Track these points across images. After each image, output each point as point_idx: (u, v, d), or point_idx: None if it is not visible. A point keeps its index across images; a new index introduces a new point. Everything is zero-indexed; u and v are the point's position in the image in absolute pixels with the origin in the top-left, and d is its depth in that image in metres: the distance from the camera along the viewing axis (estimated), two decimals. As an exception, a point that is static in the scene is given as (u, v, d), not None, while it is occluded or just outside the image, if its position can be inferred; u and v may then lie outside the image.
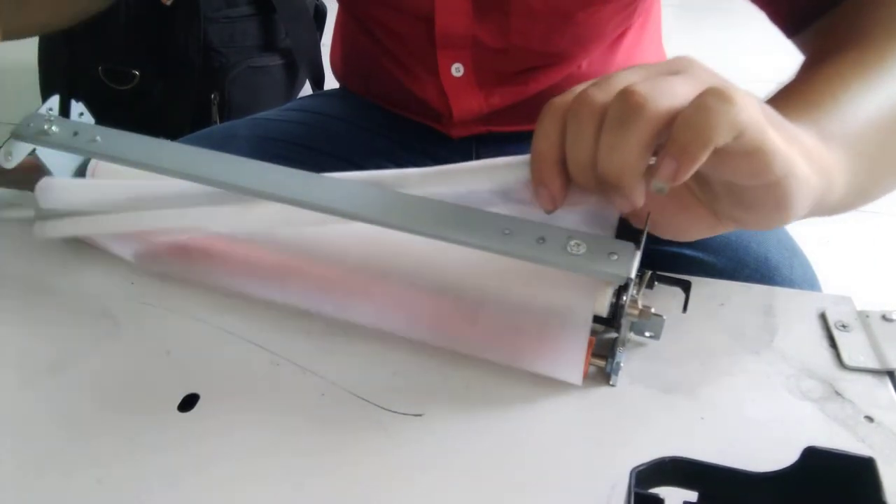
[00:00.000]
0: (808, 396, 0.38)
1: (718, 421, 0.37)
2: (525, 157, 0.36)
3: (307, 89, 1.45)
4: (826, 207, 0.37)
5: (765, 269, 0.54)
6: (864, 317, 0.42)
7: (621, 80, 0.32)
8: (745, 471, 0.27)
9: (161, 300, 0.43)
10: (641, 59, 0.71)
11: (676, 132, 0.30)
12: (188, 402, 0.38)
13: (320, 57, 1.36)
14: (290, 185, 0.39)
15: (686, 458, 0.27)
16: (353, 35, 0.73)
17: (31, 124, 0.45)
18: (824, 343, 0.41)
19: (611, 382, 0.39)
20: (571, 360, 0.38)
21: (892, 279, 1.35)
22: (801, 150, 0.33)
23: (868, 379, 0.38)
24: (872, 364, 0.39)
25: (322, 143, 0.68)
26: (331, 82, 0.86)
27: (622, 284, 0.36)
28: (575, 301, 0.37)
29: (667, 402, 0.38)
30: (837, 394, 0.38)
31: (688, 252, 0.56)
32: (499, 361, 0.40)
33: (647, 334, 0.41)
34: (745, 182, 0.33)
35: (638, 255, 0.34)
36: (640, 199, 0.33)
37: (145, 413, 0.37)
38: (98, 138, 0.44)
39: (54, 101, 0.48)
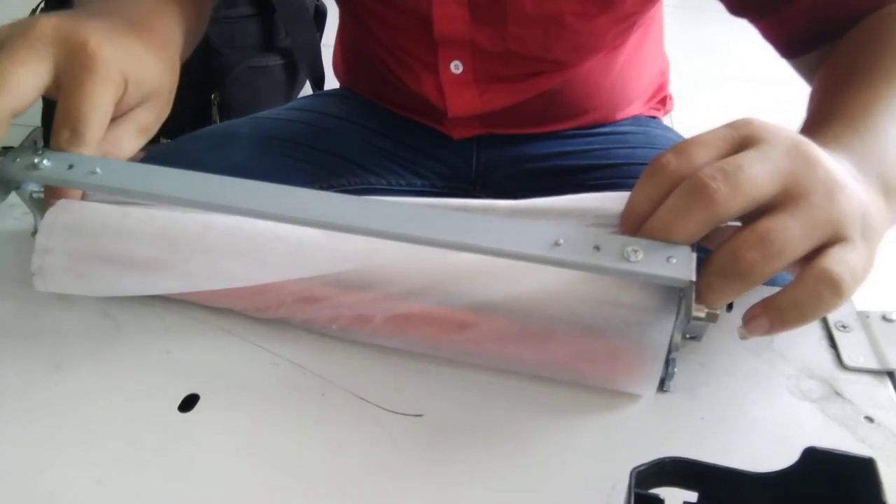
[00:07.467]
0: (808, 397, 0.38)
1: (718, 421, 0.37)
2: (605, 198, 0.38)
3: (307, 89, 1.45)
4: None
5: None
6: (864, 317, 0.42)
7: (752, 191, 0.32)
8: (745, 471, 0.27)
9: (161, 300, 0.43)
10: (643, 65, 0.71)
11: (783, 305, 0.32)
12: (188, 402, 0.38)
13: (320, 57, 1.36)
14: (330, 210, 0.37)
15: (686, 459, 0.27)
16: (353, 35, 0.73)
17: (18, 159, 0.40)
18: (824, 343, 0.41)
19: (665, 388, 0.38)
20: (648, 373, 0.37)
21: (892, 279, 1.35)
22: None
23: (868, 379, 0.38)
24: (872, 364, 0.39)
25: (323, 143, 0.68)
26: (331, 82, 0.86)
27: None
28: (652, 314, 0.36)
29: (667, 402, 0.38)
30: (837, 394, 0.38)
31: None
32: (569, 380, 0.38)
33: (687, 336, 0.39)
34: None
35: (695, 258, 0.34)
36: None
37: (145, 413, 0.37)
38: (98, 170, 0.39)
39: (35, 133, 0.43)
